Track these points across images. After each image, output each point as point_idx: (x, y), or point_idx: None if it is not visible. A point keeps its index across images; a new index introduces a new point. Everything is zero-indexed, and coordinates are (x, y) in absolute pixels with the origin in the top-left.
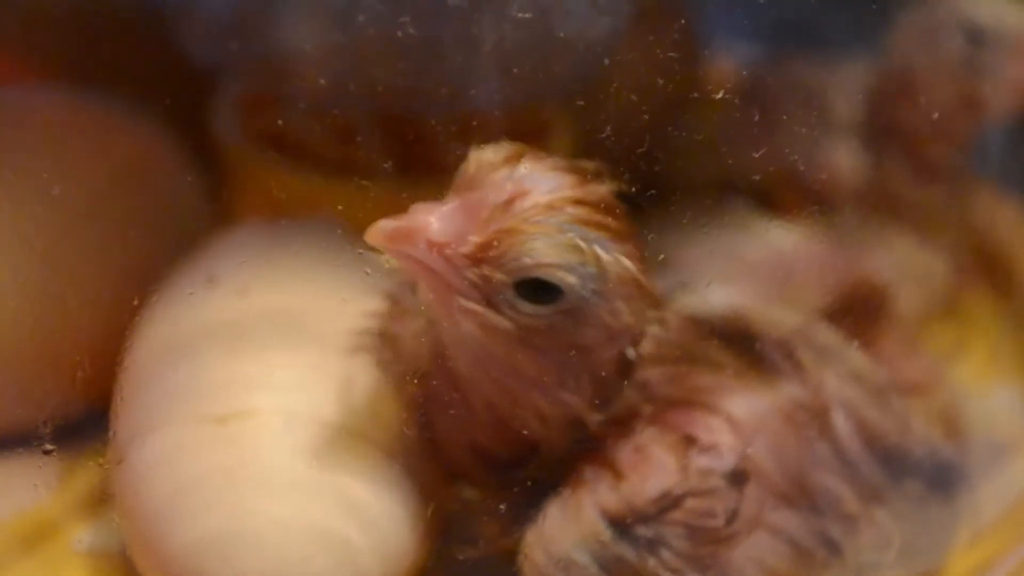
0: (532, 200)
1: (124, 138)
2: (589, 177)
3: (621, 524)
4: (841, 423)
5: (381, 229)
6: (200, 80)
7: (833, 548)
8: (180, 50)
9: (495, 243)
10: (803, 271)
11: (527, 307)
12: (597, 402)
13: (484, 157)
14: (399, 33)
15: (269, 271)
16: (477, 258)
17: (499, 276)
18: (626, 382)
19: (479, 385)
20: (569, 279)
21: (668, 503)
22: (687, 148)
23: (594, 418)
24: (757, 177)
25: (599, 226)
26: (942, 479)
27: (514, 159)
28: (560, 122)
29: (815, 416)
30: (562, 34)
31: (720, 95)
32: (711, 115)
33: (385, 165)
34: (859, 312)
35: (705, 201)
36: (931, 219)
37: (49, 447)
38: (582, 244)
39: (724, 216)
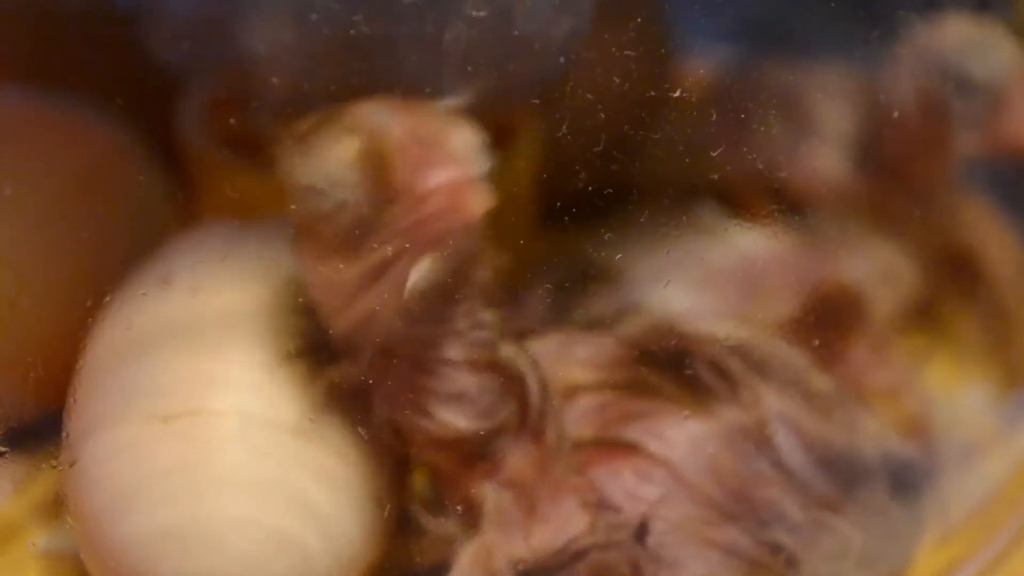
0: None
1: (82, 140)
2: None
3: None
4: (780, 436)
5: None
6: (159, 81)
7: (788, 559)
8: (139, 51)
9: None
10: (772, 277)
11: None
12: None
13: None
14: (353, 32)
15: (224, 271)
16: None
17: None
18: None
19: (444, 321)
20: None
21: (573, 557)
22: (654, 149)
23: None
24: (726, 180)
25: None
26: (904, 482)
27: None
28: (521, 121)
29: (752, 433)
30: (522, 33)
31: (688, 96)
32: (680, 116)
33: None
34: (831, 318)
35: (670, 204)
36: (904, 223)
37: (1, 449)
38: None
39: (690, 220)
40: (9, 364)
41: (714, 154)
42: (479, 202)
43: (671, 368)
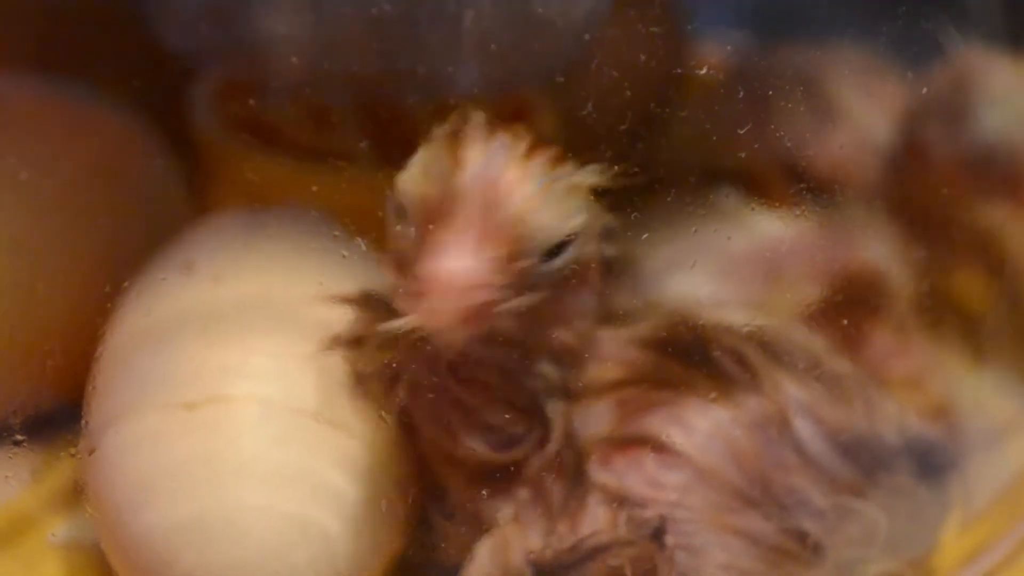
0: (506, 181)
1: (96, 127)
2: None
3: (544, 571)
4: (800, 423)
5: (431, 310)
6: (173, 67)
7: (811, 545)
8: (152, 37)
9: (511, 240)
10: (794, 263)
11: (557, 263)
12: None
13: (425, 172)
14: (373, 12)
15: (245, 257)
16: (504, 265)
17: (529, 263)
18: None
19: (494, 361)
20: (580, 219)
21: (591, 553)
22: (673, 133)
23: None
24: (747, 164)
25: (553, 160)
26: (928, 465)
27: (454, 158)
28: (541, 101)
29: (773, 420)
30: (542, 11)
31: (708, 78)
32: (700, 100)
33: (361, 147)
34: (855, 301)
35: (692, 189)
36: (927, 208)
37: (19, 438)
38: (567, 182)
39: (711, 207)
40: (27, 352)
41: (739, 133)
42: (447, 319)
43: (691, 358)
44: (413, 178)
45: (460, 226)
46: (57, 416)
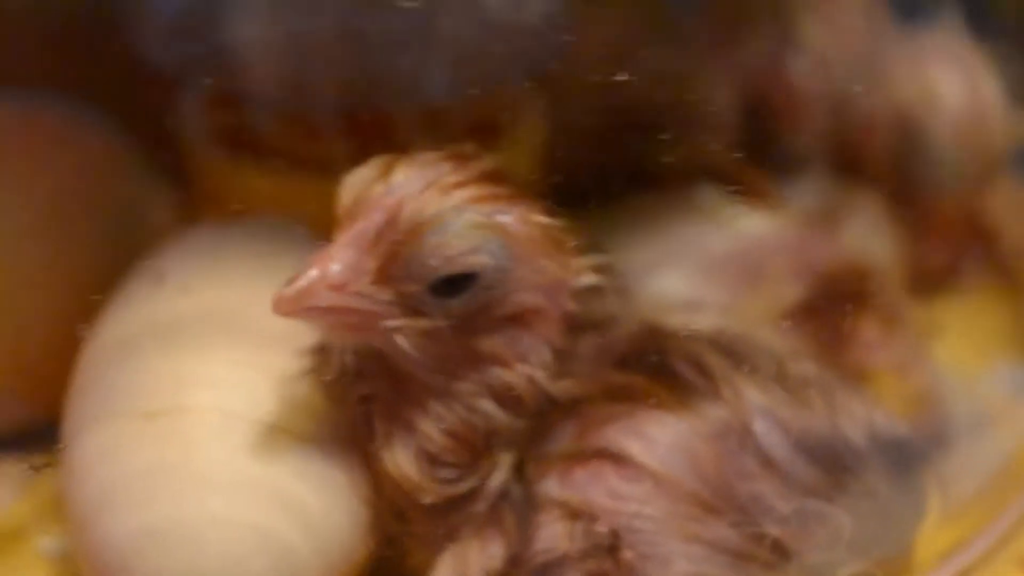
0: (414, 202)
1: (76, 145)
2: (468, 157)
3: None
4: (762, 429)
5: (282, 299)
6: (156, 81)
7: (778, 550)
8: (133, 50)
9: (394, 258)
10: (777, 260)
11: (450, 302)
12: (559, 369)
13: (356, 182)
14: (351, 20)
15: (213, 268)
16: (384, 279)
17: (412, 287)
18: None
19: (436, 387)
20: (480, 259)
21: (545, 569)
22: (652, 131)
23: (559, 387)
24: (729, 162)
25: (489, 198)
26: (899, 463)
27: (386, 171)
28: (523, 107)
29: (733, 428)
30: (516, 17)
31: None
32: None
33: (345, 159)
34: (840, 297)
35: (671, 190)
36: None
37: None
38: (479, 219)
39: (691, 207)
40: (14, 369)
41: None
42: (294, 310)
43: (651, 369)
44: (344, 185)
45: (351, 233)
46: (47, 430)
